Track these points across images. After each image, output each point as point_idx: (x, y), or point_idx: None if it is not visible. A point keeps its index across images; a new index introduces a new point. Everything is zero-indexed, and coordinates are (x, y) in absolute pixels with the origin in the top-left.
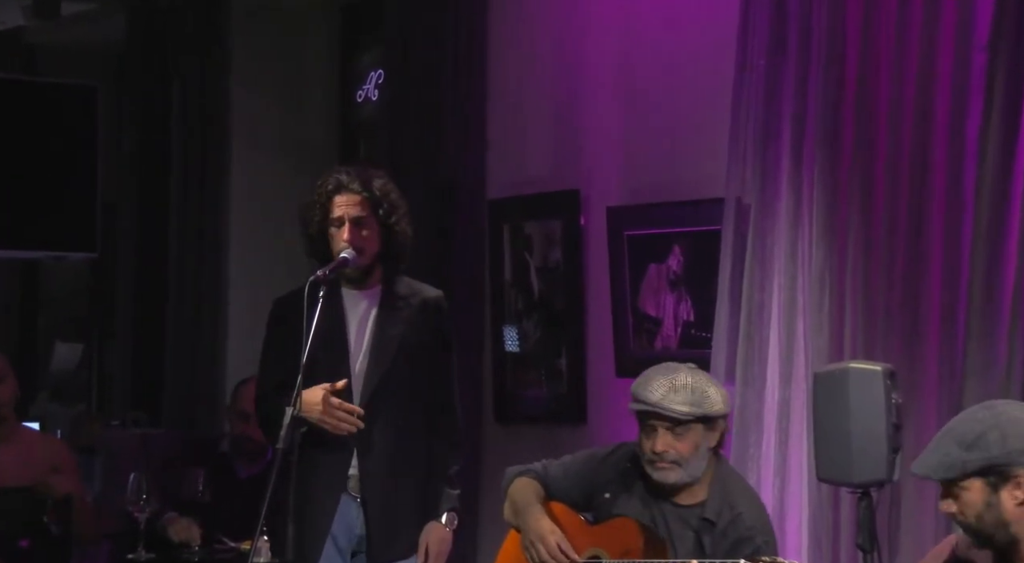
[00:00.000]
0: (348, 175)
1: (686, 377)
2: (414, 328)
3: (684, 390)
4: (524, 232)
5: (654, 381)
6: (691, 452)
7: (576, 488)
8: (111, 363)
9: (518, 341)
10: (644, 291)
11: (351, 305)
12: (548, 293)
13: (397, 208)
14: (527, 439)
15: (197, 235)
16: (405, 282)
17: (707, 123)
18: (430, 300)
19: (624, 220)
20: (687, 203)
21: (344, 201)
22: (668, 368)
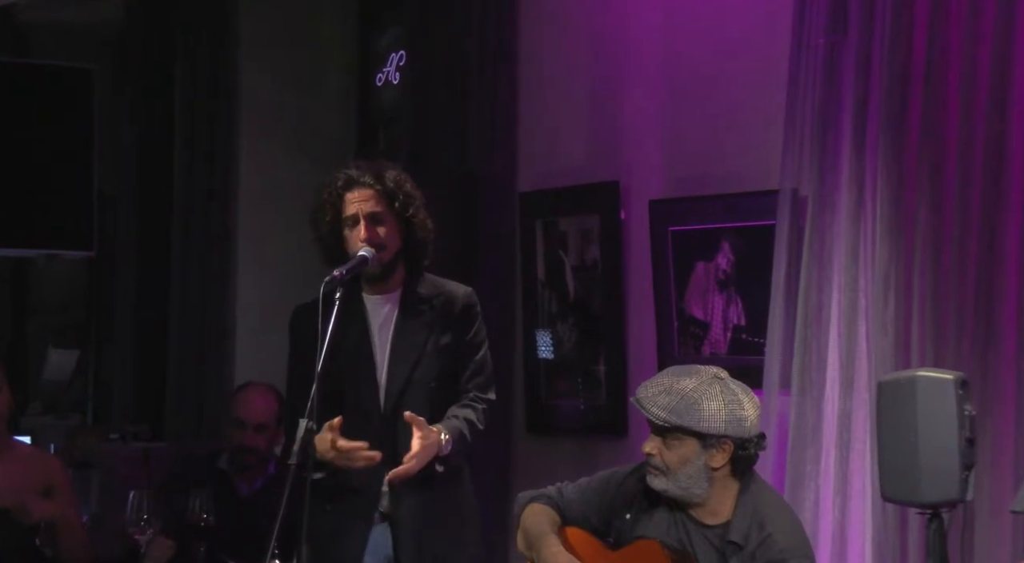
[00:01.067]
0: (358, 169)
1: (692, 382)
2: (437, 332)
3: (674, 395)
4: (559, 228)
5: (658, 378)
6: (678, 464)
7: (594, 511)
8: (109, 371)
9: (552, 347)
10: (690, 292)
11: (374, 311)
12: (585, 294)
13: (413, 199)
14: (561, 453)
15: (203, 232)
16: (428, 281)
17: (760, 108)
18: (456, 298)
19: (668, 214)
20: (737, 195)
21: (356, 197)
22: (687, 370)
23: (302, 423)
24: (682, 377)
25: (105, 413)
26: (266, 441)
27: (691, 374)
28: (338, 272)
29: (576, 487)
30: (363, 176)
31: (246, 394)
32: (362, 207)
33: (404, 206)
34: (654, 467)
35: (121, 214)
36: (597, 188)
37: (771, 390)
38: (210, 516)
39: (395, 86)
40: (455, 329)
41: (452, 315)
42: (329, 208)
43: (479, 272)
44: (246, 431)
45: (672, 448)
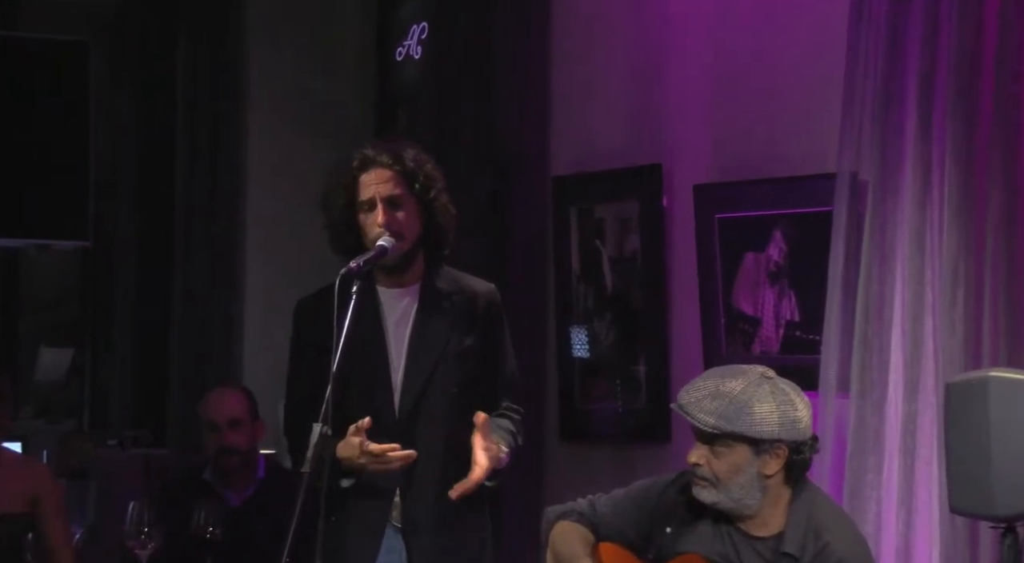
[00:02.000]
0: (374, 149)
1: (739, 384)
2: (459, 330)
3: (721, 399)
4: (595, 215)
5: (701, 381)
6: (728, 474)
7: (631, 525)
8: (106, 372)
9: (588, 345)
10: (739, 285)
11: (389, 305)
12: (623, 288)
13: (435, 181)
14: (598, 461)
15: (208, 221)
16: (449, 275)
17: (815, 84)
18: (478, 295)
19: (715, 200)
20: (791, 180)
21: (373, 179)
22: (732, 371)
23: (316, 428)
24: (727, 378)
25: (102, 417)
26: (245, 438)
27: (737, 375)
28: (355, 263)
29: (610, 500)
30: (380, 156)
31: (211, 396)
32: (379, 190)
33: (425, 188)
34: (702, 478)
35: (119, 201)
36: (637, 172)
37: (828, 392)
38: (216, 529)
39: (416, 61)
40: (477, 331)
41: (474, 314)
42: (342, 191)
43: (508, 264)
44: (221, 431)
45: (721, 456)
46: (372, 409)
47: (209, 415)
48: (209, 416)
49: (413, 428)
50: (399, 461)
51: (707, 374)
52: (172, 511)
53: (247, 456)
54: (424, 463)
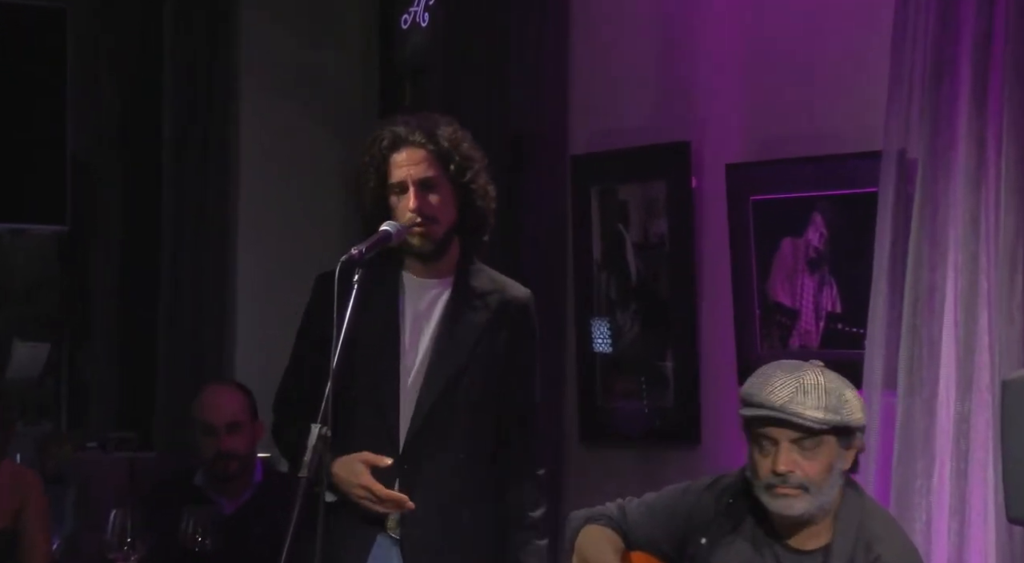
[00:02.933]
0: (407, 125)
1: (816, 375)
2: (490, 335)
3: (816, 391)
4: (618, 198)
5: (775, 379)
6: (822, 474)
7: (664, 534)
8: (86, 369)
9: (610, 339)
10: (775, 273)
11: (412, 295)
12: (649, 276)
13: (472, 162)
14: (621, 465)
15: (197, 204)
16: (485, 274)
17: (859, 52)
18: (515, 301)
19: (749, 181)
20: (832, 158)
21: (405, 159)
22: (790, 365)
23: (314, 429)
24: (795, 372)
25: (82, 418)
26: (245, 442)
27: (800, 368)
28: (356, 250)
29: (642, 505)
30: (412, 134)
31: (206, 395)
32: (411, 172)
33: (461, 170)
34: (795, 486)
35: (100, 181)
36: (664, 150)
37: (873, 390)
38: (207, 538)
39: (423, 29)
40: (508, 339)
41: (506, 320)
42: (373, 172)
43: (522, 251)
44: (218, 435)
45: (814, 456)
46: (377, 412)
47: (205, 417)
48: (205, 418)
49: (422, 441)
50: (394, 508)
51: (766, 373)
52: (158, 519)
53: (246, 461)
54: (430, 475)
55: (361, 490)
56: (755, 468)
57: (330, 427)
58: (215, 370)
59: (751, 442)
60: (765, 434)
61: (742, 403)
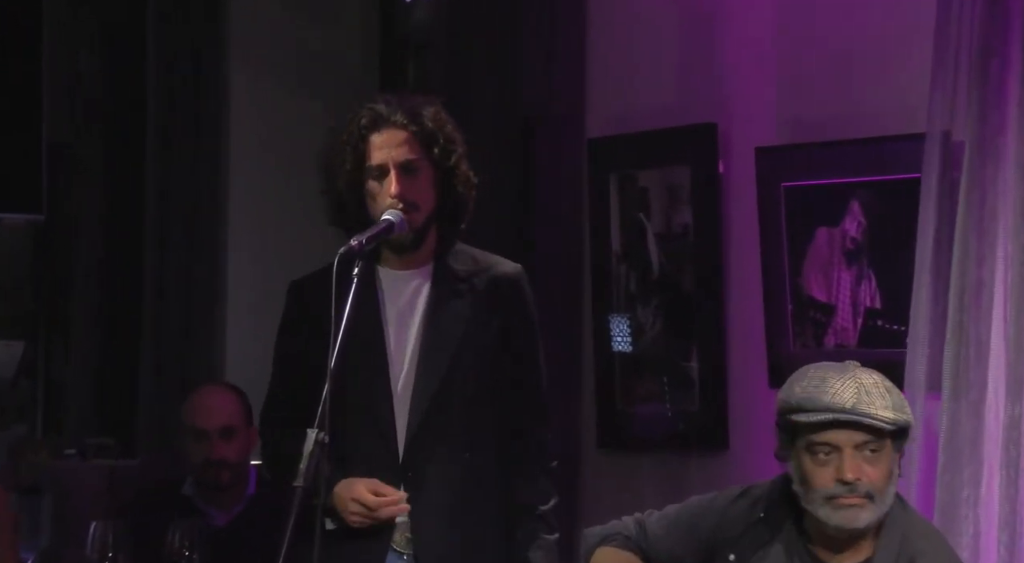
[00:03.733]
0: (387, 105)
1: (869, 374)
2: (480, 321)
3: (878, 390)
4: (638, 184)
5: (832, 381)
6: (885, 480)
7: (687, 550)
8: (64, 369)
9: (630, 337)
10: (809, 266)
11: (392, 290)
12: (672, 269)
13: (455, 145)
14: (642, 473)
15: (184, 193)
16: (466, 254)
17: (901, 28)
18: (503, 278)
19: (780, 166)
20: (871, 141)
21: (385, 140)
22: (835, 367)
23: (311, 434)
24: (850, 372)
25: (59, 422)
26: (239, 449)
27: (847, 368)
28: (356, 241)
29: (663, 518)
30: (394, 114)
31: (198, 397)
32: (393, 154)
33: (445, 153)
34: (862, 496)
35: (79, 167)
36: (689, 132)
37: (916, 392)
38: (195, 553)
39: (427, 2)
40: (500, 323)
41: (497, 302)
42: (349, 154)
43: (535, 241)
44: (211, 441)
45: (877, 461)
46: (371, 420)
47: (196, 421)
48: (196, 423)
49: (422, 444)
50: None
51: (814, 376)
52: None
53: (239, 469)
54: (436, 479)
55: (354, 504)
56: (808, 479)
57: (328, 432)
58: (204, 371)
59: (803, 452)
60: (825, 441)
61: (794, 410)
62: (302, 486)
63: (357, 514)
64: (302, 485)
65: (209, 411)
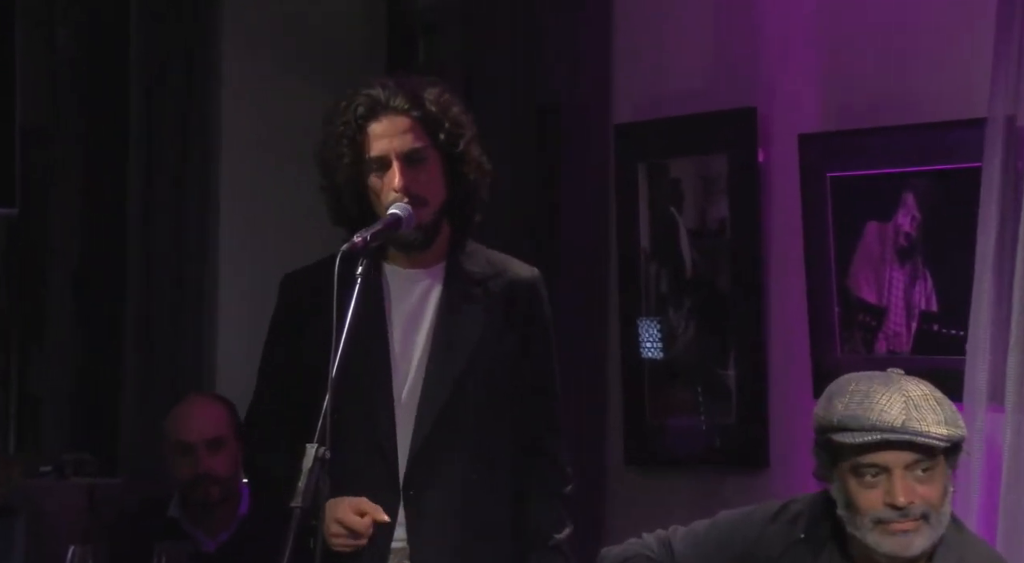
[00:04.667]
0: (384, 89)
1: (916, 385)
2: (496, 328)
3: (928, 403)
4: (669, 175)
5: (877, 395)
6: (939, 498)
7: None
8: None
9: (661, 343)
10: (858, 264)
11: (399, 290)
12: (707, 268)
13: (463, 129)
14: (674, 493)
15: (170, 184)
16: (480, 255)
17: (959, 3)
18: (521, 283)
19: (826, 154)
20: (927, 127)
21: (386, 129)
22: (878, 378)
23: (310, 449)
24: (897, 385)
25: (33, 437)
26: (228, 462)
27: (887, 379)
28: (360, 237)
29: (690, 535)
30: (394, 99)
31: (181, 409)
32: (395, 144)
33: (452, 138)
34: (917, 518)
35: (56, 157)
36: (726, 118)
37: (976, 404)
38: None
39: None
40: (518, 330)
41: (513, 308)
42: (345, 146)
43: (557, 238)
44: (197, 454)
45: (931, 480)
46: (370, 435)
47: (180, 434)
48: (180, 435)
49: (427, 461)
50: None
51: (856, 390)
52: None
53: (228, 486)
54: (440, 501)
55: (336, 526)
56: (855, 503)
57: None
58: (193, 381)
59: (847, 473)
60: (872, 462)
61: (836, 428)
62: (300, 507)
63: (338, 536)
64: (300, 506)
65: (194, 422)
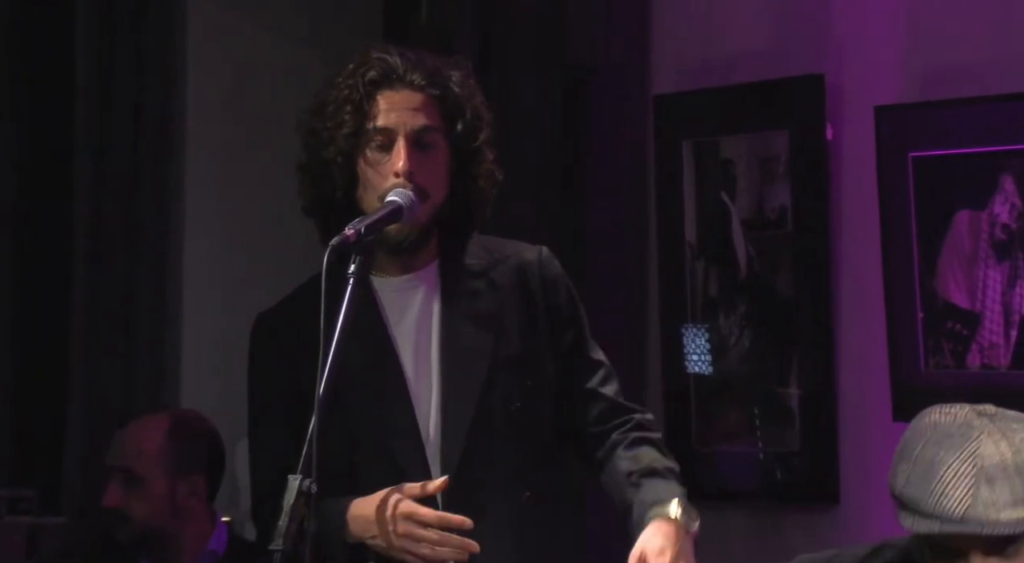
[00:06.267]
0: (403, 58)
1: (995, 442)
2: (509, 322)
3: (1005, 473)
4: (720, 155)
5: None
6: None
7: None
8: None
9: (710, 355)
10: (946, 261)
11: (395, 304)
12: (765, 267)
13: (483, 123)
14: (725, 534)
15: (126, 172)
16: (476, 244)
17: None
18: (527, 265)
19: (909, 130)
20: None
21: (399, 102)
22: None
23: (292, 482)
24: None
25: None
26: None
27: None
28: (352, 229)
29: None
30: (411, 71)
31: (127, 432)
32: (406, 119)
33: (470, 131)
34: None
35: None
36: (787, 87)
37: None
38: None
39: None
40: (538, 319)
41: (527, 295)
42: (348, 113)
43: (586, 230)
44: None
45: None
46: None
47: (126, 461)
48: (125, 462)
49: (466, 495)
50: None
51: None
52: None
53: (148, 530)
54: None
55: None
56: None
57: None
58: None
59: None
60: (948, 547)
61: (904, 504)
62: (281, 550)
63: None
64: (281, 548)
65: (118, 443)
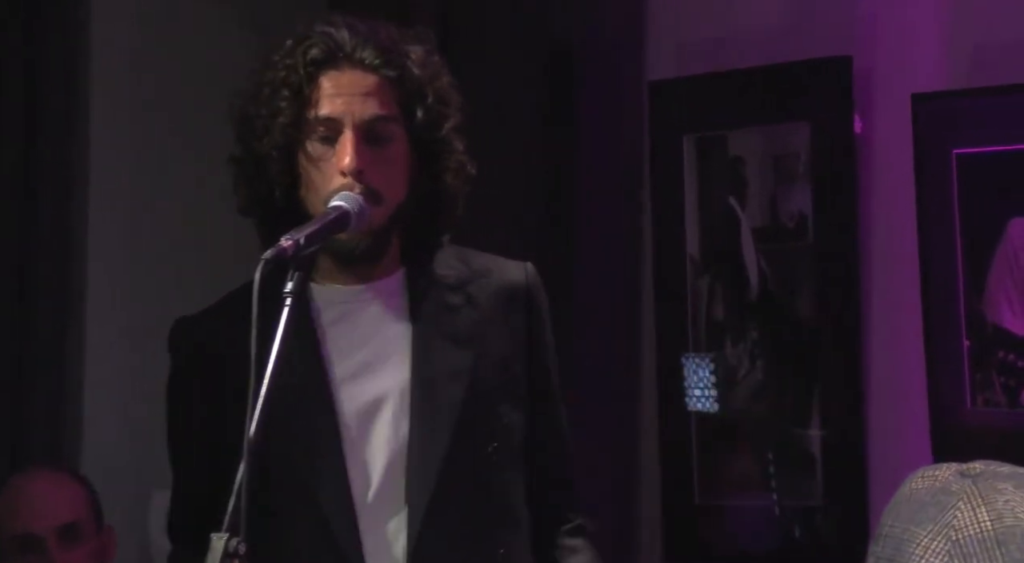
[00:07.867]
0: (352, 33)
1: (971, 510)
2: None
3: (983, 545)
4: (728, 152)
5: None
6: None
7: None
8: None
9: (716, 391)
10: (996, 279)
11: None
12: (782, 285)
13: (449, 109)
14: None
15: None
16: (453, 254)
17: None
18: (509, 283)
19: (951, 123)
20: None
21: (345, 85)
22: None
23: (215, 542)
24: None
25: None
26: (88, 557)
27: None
28: (289, 240)
29: None
30: (363, 47)
31: (22, 488)
32: (354, 107)
33: (432, 119)
34: None
35: None
36: (809, 71)
37: None
38: None
39: None
40: (518, 347)
41: (511, 320)
42: (285, 99)
43: (571, 240)
44: (47, 548)
45: None
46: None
47: (21, 524)
48: (21, 525)
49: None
50: None
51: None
52: None
53: None
54: None
55: None
56: None
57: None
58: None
59: None
60: None
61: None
62: None
63: None
64: None
65: (41, 506)
